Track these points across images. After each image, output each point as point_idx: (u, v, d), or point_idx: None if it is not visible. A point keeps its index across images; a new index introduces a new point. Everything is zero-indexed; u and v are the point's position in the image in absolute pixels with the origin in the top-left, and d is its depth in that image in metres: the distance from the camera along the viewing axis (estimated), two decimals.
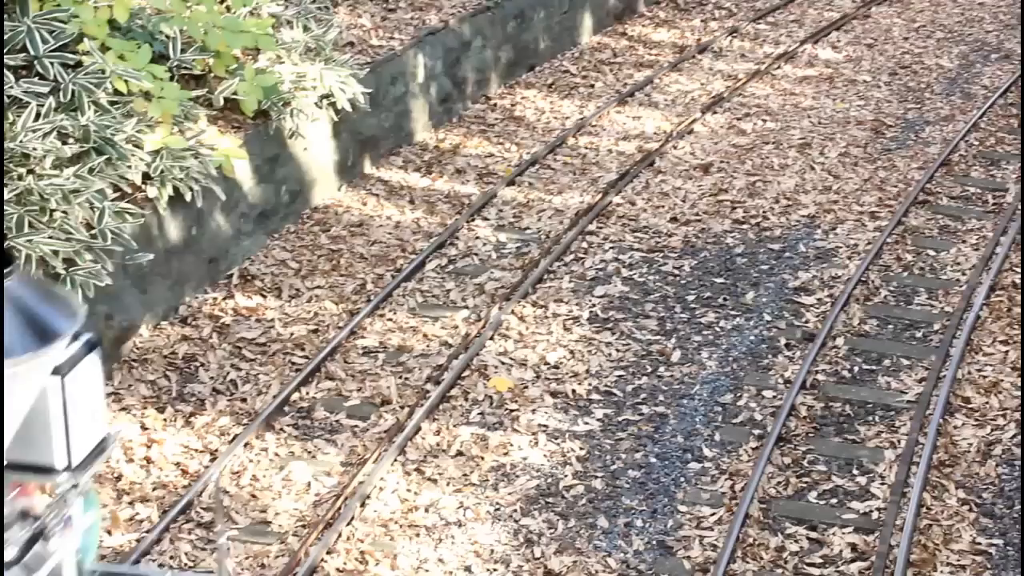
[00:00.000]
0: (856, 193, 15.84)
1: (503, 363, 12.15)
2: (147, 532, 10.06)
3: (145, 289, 12.38)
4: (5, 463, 5.91)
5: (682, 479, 10.77)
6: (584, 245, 14.32)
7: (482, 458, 10.89)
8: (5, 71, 11.79)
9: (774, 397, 11.83)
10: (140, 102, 12.43)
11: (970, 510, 10.47)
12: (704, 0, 22.59)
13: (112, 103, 12.22)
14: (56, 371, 6.16)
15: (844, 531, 10.23)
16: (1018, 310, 13.24)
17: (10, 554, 5.82)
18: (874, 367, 12.36)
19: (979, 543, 10.15)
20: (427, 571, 9.79)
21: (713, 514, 10.36)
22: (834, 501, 10.56)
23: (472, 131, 17.27)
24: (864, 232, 14.88)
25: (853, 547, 10.10)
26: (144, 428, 11.20)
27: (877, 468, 10.92)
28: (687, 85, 19.01)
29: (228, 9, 14.36)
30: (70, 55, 12.25)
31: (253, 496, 10.49)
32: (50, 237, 10.87)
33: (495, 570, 9.83)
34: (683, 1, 22.56)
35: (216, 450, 10.96)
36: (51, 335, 5.71)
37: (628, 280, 13.71)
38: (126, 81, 12.33)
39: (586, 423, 11.41)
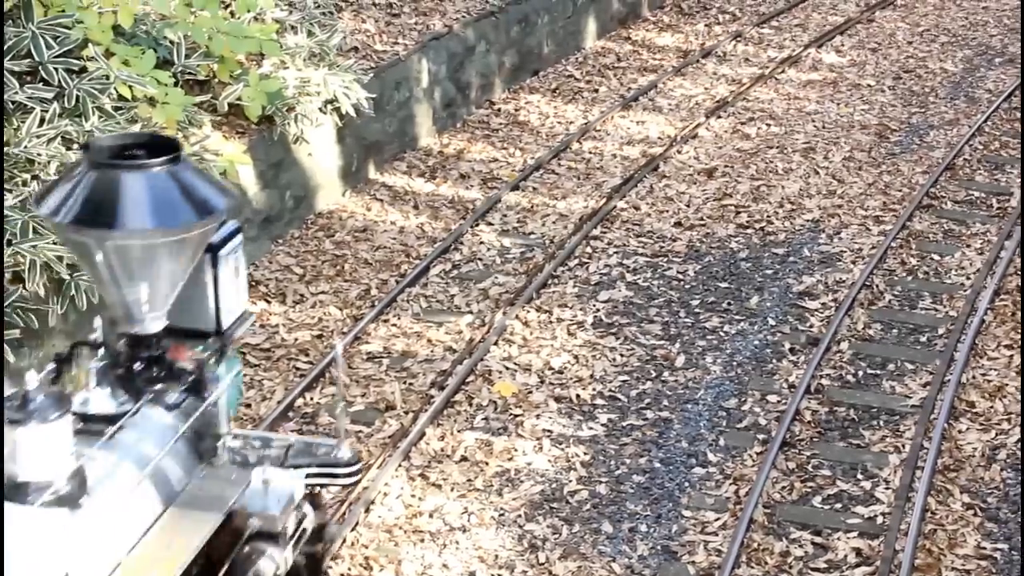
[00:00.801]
0: (860, 197, 15.84)
1: (507, 368, 12.15)
2: None
3: None
4: (167, 326, 7.33)
5: (686, 484, 10.76)
6: (588, 250, 14.32)
7: (486, 463, 10.89)
8: (10, 76, 11.80)
9: (778, 402, 11.82)
10: (144, 107, 12.44)
11: (975, 515, 10.46)
12: (708, 4, 22.60)
13: (116, 108, 12.23)
14: (209, 249, 7.51)
15: (849, 536, 10.22)
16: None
17: (172, 398, 7.27)
18: (878, 371, 12.35)
19: (984, 548, 10.14)
20: None
21: (718, 519, 10.35)
22: (839, 506, 10.56)
23: (476, 136, 17.27)
24: (868, 236, 14.87)
25: (858, 552, 10.09)
26: None
27: (882, 473, 10.91)
28: (691, 89, 19.01)
29: (232, 15, 14.37)
30: (74, 60, 12.26)
31: None
32: (54, 243, 10.87)
33: (499, 575, 9.82)
34: (687, 5, 22.58)
35: None
36: (209, 211, 6.97)
37: (632, 285, 13.71)
38: (130, 87, 12.34)
39: (590, 428, 11.41)
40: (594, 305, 13.28)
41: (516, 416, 11.50)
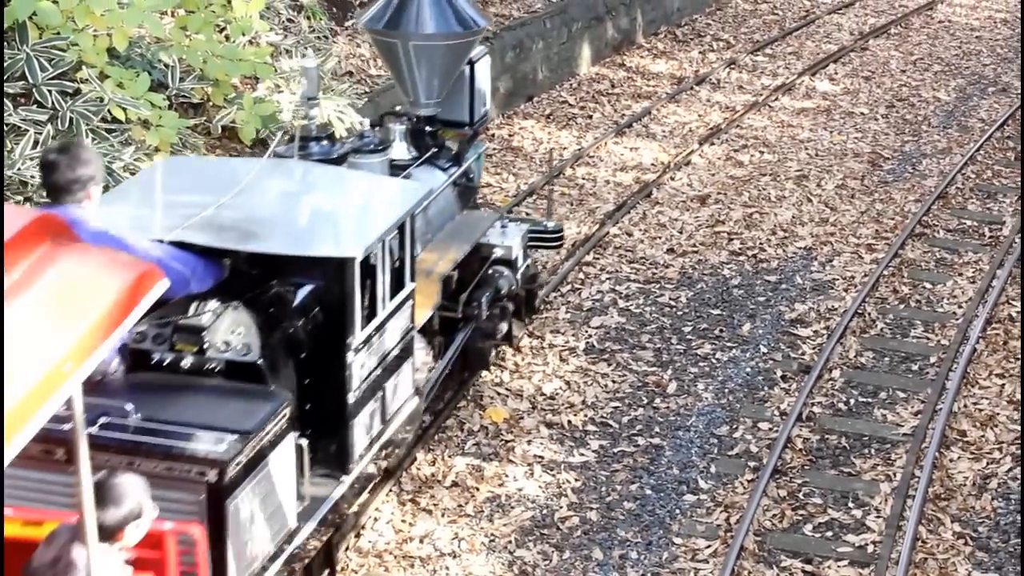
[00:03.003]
0: (853, 225, 15.86)
1: (499, 394, 12.14)
2: None
3: None
4: (437, 117, 11.76)
5: (677, 511, 10.75)
6: (581, 276, 14.33)
7: (477, 489, 10.87)
8: (4, 99, 11.81)
9: (770, 429, 11.81)
10: (138, 130, 12.45)
11: (966, 544, 10.45)
12: (702, 32, 22.67)
13: (110, 131, 12.24)
14: (469, 61, 11.83)
15: (839, 564, 10.20)
16: (1014, 343, 13.24)
17: (441, 162, 11.46)
18: (870, 400, 12.35)
19: None
20: None
21: (708, 546, 10.34)
22: (829, 534, 10.54)
23: None
24: (861, 264, 14.89)
25: None
26: None
27: (873, 501, 10.90)
28: (685, 116, 19.05)
29: (227, 38, 14.39)
30: (69, 83, 12.27)
31: None
32: None
33: None
34: (682, 32, 22.65)
35: None
36: (476, 25, 11.50)
37: (625, 311, 13.71)
38: (124, 109, 12.35)
39: (582, 454, 11.40)
40: (586, 331, 13.28)
41: (507, 442, 11.49)
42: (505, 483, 10.97)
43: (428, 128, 11.66)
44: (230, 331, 8.55)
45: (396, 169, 10.92)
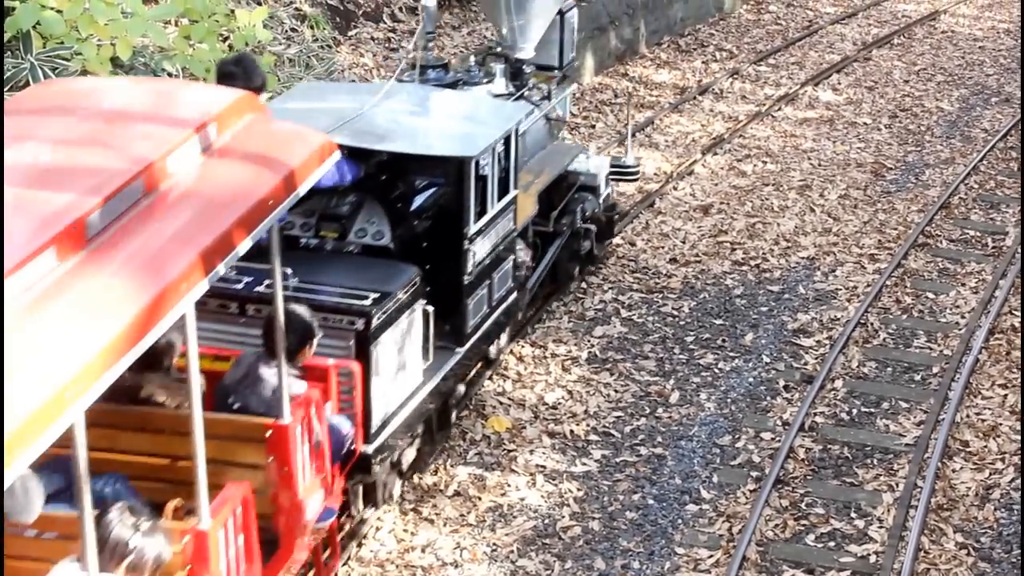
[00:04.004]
0: (856, 235, 15.86)
1: (501, 403, 12.14)
2: None
3: None
4: (531, 60, 13.61)
5: (680, 521, 10.74)
6: (583, 285, 14.33)
7: (479, 498, 10.87)
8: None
9: (772, 439, 11.81)
10: None
11: (968, 554, 10.44)
12: (705, 42, 22.68)
13: None
14: (559, 12, 13.78)
15: (842, 574, 10.19)
16: (1017, 354, 13.24)
17: (535, 98, 13.30)
18: (873, 410, 12.35)
19: None
20: None
21: (710, 556, 10.33)
22: (832, 544, 10.53)
23: None
24: (863, 274, 14.89)
25: None
26: None
27: (875, 511, 10.89)
28: (688, 126, 19.06)
29: (230, 48, 14.41)
30: None
31: None
32: None
33: None
34: (685, 43, 22.66)
35: None
36: None
37: (627, 321, 13.71)
38: None
39: (584, 464, 11.39)
40: (589, 341, 13.28)
41: (509, 451, 11.49)
42: (507, 492, 10.97)
43: (523, 69, 13.42)
44: (366, 220, 10.71)
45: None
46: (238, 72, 9.29)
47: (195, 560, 6.99)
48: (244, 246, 6.90)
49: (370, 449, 9.59)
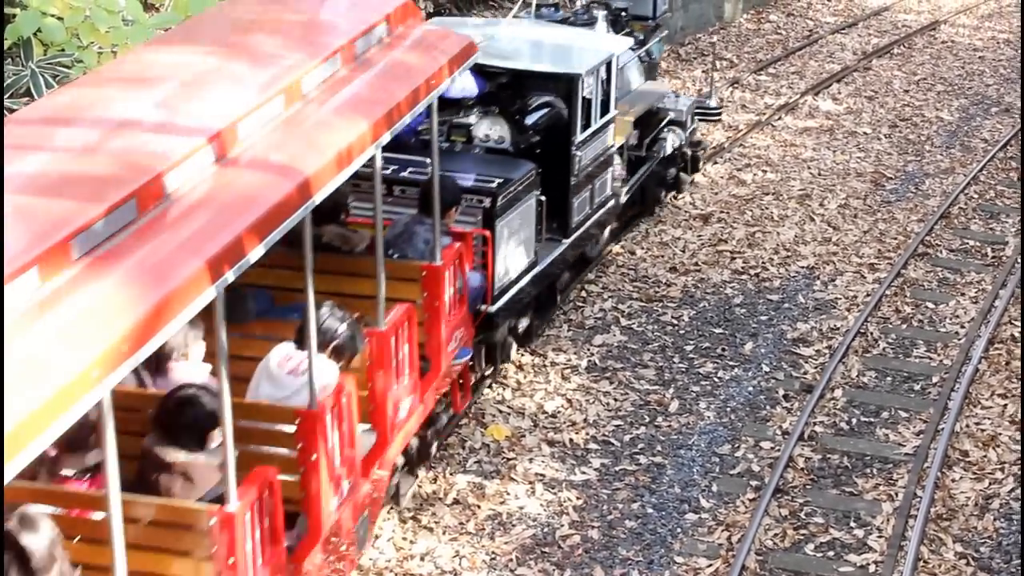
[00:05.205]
0: (855, 245, 15.87)
1: (501, 411, 12.14)
2: None
3: None
4: (627, 10, 15.96)
5: (679, 530, 10.74)
6: (583, 294, 14.33)
7: (478, 506, 10.86)
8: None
9: (772, 448, 11.80)
10: None
11: (967, 564, 10.43)
12: (706, 51, 22.69)
13: None
14: None
15: None
16: (1016, 364, 13.23)
17: (631, 43, 14.92)
18: (872, 419, 12.35)
19: None
20: None
21: (710, 565, 10.32)
22: (831, 554, 10.53)
23: None
24: (863, 284, 14.89)
25: None
26: None
27: (874, 521, 10.88)
28: None
29: None
30: None
31: None
32: None
33: None
34: (685, 51, 22.68)
35: None
36: None
37: (627, 329, 13.71)
38: None
39: (583, 472, 11.39)
40: (588, 349, 13.28)
41: (509, 460, 11.49)
42: (506, 501, 10.96)
43: (621, 16, 15.70)
44: (489, 127, 12.87)
45: None
46: None
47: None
48: (419, 108, 9.34)
49: (493, 309, 11.75)
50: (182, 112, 7.81)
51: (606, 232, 14.57)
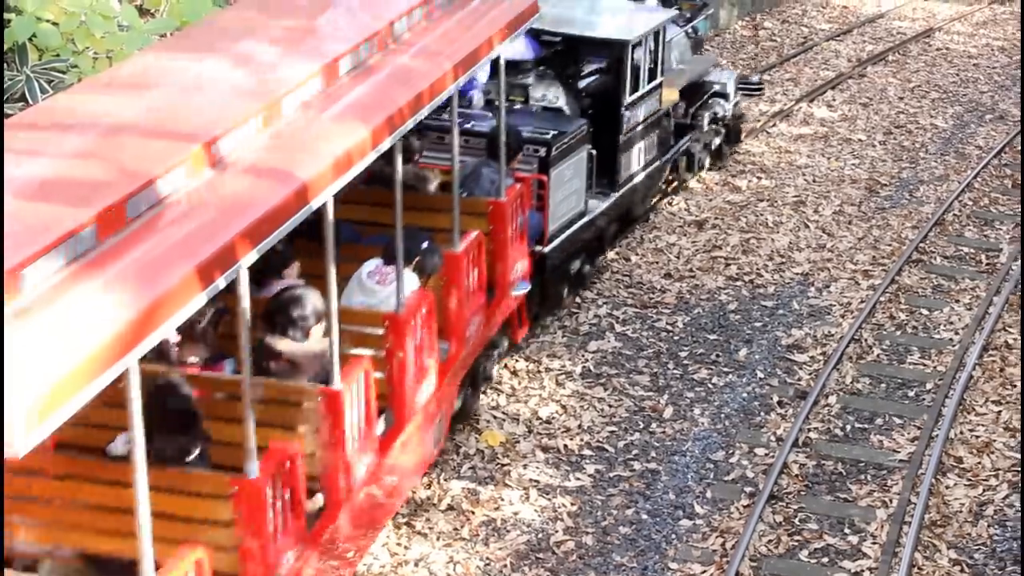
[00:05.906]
0: (850, 251, 15.88)
1: (495, 417, 12.14)
2: None
3: None
4: None
5: (673, 536, 10.73)
6: (578, 300, 14.34)
7: (473, 513, 10.86)
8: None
9: (766, 455, 11.81)
10: None
11: (962, 571, 10.43)
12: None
13: None
14: None
15: None
16: (1011, 371, 13.25)
17: (679, 23, 16.92)
18: (866, 426, 12.35)
19: None
20: None
21: (704, 572, 10.32)
22: (825, 560, 10.53)
23: None
24: (857, 290, 14.90)
25: None
26: None
27: (869, 527, 10.89)
28: None
29: None
30: None
31: None
32: None
33: None
34: None
35: None
36: None
37: (621, 336, 13.71)
38: None
39: (577, 478, 11.39)
40: (583, 355, 13.28)
41: (503, 465, 11.48)
42: (501, 507, 10.96)
43: None
44: (545, 88, 14.14)
45: None
46: None
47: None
48: (486, 60, 10.88)
49: (547, 250, 12.96)
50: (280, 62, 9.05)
51: (652, 192, 15.84)
